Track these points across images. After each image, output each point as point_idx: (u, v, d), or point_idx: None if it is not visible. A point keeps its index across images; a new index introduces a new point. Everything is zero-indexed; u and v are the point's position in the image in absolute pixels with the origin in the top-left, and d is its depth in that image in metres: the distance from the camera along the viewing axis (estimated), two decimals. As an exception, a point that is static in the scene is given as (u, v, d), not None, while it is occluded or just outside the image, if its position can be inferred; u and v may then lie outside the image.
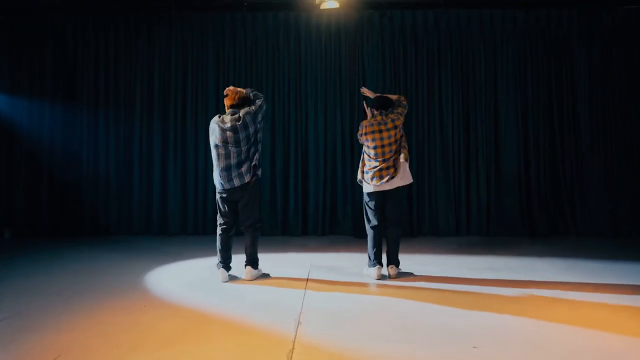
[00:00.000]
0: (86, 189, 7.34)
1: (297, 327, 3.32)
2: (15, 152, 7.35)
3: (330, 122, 7.38)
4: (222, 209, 4.61)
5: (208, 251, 5.74)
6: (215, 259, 4.70)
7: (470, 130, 7.32)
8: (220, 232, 4.61)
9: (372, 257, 4.66)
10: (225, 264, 4.61)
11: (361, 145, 4.91)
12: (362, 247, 5.39)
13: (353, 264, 5.27)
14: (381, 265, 4.66)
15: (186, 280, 4.68)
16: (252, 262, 4.63)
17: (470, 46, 7.37)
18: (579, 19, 7.28)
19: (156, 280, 4.63)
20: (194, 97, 7.40)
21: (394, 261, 4.72)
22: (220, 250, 4.61)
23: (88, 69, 7.44)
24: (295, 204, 7.29)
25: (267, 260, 5.18)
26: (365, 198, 4.81)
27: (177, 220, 7.28)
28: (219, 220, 4.66)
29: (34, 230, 7.23)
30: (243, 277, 4.60)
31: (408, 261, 5.14)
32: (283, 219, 7.33)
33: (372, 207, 4.72)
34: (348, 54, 7.44)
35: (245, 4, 7.28)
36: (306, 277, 4.72)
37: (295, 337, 3.13)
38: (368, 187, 4.71)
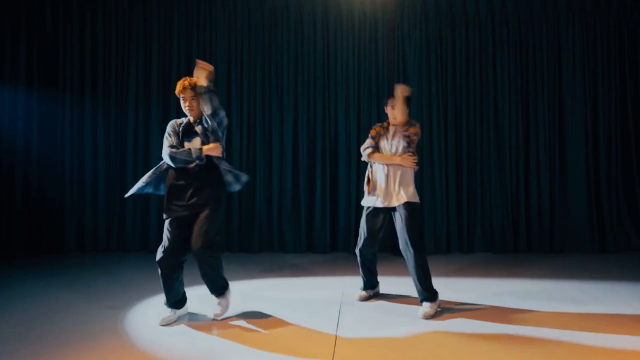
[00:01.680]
0: (69, 197, 6.07)
1: None
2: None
3: (364, 120, 6.18)
4: None
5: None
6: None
7: (530, 127, 6.20)
8: None
9: None
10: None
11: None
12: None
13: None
14: None
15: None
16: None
17: (530, 28, 6.24)
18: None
19: (141, 320, 3.48)
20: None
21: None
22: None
23: (72, 50, 6.14)
24: (322, 217, 6.09)
25: (288, 287, 4.26)
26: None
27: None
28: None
29: (4, 247, 5.91)
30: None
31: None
32: (308, 234, 6.14)
33: None
34: (385, 37, 6.25)
35: (263, -28, 6.07)
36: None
37: None
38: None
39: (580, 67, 6.18)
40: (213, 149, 3.37)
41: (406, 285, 4.29)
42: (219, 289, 3.55)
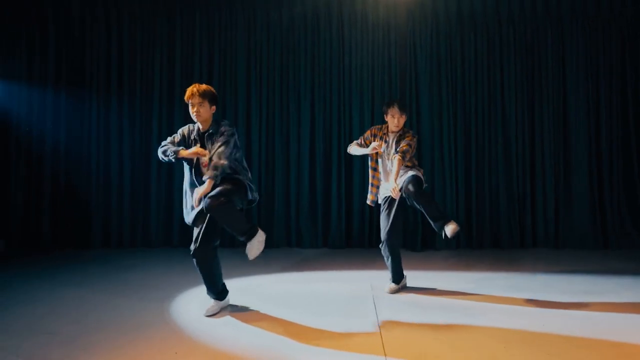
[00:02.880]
0: (95, 193, 6.30)
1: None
2: (10, 150, 6.26)
3: (378, 122, 6.39)
4: None
5: (246, 268, 4.83)
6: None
7: (536, 128, 6.48)
8: None
9: None
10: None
11: (414, 147, 4.11)
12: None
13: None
14: None
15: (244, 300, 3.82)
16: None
17: (536, 34, 6.51)
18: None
19: (184, 311, 3.66)
20: (221, 87, 6.34)
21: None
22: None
23: (98, 50, 6.36)
24: (338, 213, 6.36)
25: (310, 281, 4.47)
26: None
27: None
28: None
29: (33, 241, 6.16)
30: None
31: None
32: (324, 230, 6.40)
33: None
34: (398, 43, 6.51)
35: (282, -20, 6.29)
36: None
37: None
38: None
39: (584, 71, 6.46)
40: (193, 153, 3.41)
41: (430, 279, 4.61)
42: (220, 291, 3.63)
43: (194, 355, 2.84)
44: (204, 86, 3.51)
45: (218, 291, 3.63)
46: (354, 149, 4.31)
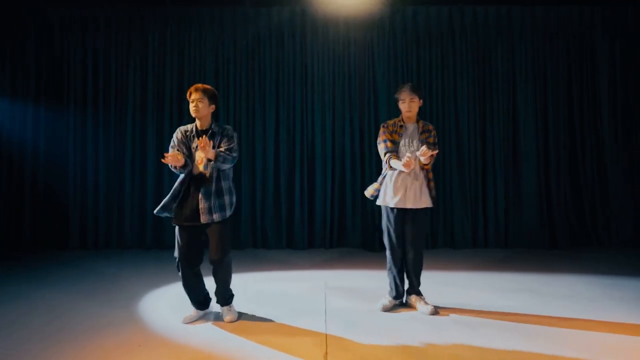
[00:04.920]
0: (73, 198, 6.72)
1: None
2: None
3: (339, 126, 6.87)
4: None
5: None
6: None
7: (487, 134, 6.88)
8: None
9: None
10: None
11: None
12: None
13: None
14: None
15: (188, 307, 4.10)
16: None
17: (487, 45, 6.94)
18: (602, 16, 6.90)
19: (152, 309, 4.04)
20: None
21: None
22: None
23: (75, 67, 6.81)
24: (301, 215, 6.77)
25: (274, 281, 4.75)
26: None
27: (172, 232, 6.64)
28: None
29: (14, 244, 6.58)
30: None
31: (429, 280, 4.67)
32: (288, 231, 6.81)
33: None
34: (358, 53, 6.93)
35: (248, -3, 6.71)
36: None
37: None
38: None
39: (532, 79, 6.88)
40: (204, 149, 3.41)
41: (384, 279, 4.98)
42: (228, 298, 3.77)
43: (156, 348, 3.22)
44: (205, 85, 3.62)
45: (199, 301, 3.74)
46: (394, 163, 3.83)
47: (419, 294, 4.00)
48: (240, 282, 4.65)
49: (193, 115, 3.58)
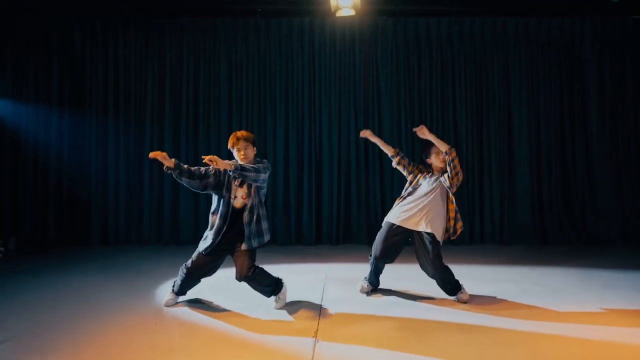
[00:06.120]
0: (95, 198, 7.15)
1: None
2: (20, 161, 7.09)
3: (344, 130, 7.32)
4: None
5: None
6: None
7: (484, 136, 7.32)
8: None
9: None
10: None
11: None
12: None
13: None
14: None
15: (199, 294, 4.48)
16: None
17: (484, 54, 7.37)
18: (593, 29, 7.34)
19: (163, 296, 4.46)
20: (206, 106, 7.28)
21: None
22: None
23: (97, 75, 7.23)
24: (309, 214, 7.20)
25: (279, 272, 5.09)
26: None
27: (189, 229, 7.14)
28: None
29: (39, 241, 7.00)
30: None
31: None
32: (297, 229, 7.26)
33: None
34: (363, 61, 7.38)
35: (259, 10, 7.14)
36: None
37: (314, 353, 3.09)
38: None
39: (526, 86, 7.32)
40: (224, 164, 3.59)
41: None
42: (271, 292, 3.99)
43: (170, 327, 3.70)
44: (245, 132, 3.90)
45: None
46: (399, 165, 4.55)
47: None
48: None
49: (241, 162, 3.81)
